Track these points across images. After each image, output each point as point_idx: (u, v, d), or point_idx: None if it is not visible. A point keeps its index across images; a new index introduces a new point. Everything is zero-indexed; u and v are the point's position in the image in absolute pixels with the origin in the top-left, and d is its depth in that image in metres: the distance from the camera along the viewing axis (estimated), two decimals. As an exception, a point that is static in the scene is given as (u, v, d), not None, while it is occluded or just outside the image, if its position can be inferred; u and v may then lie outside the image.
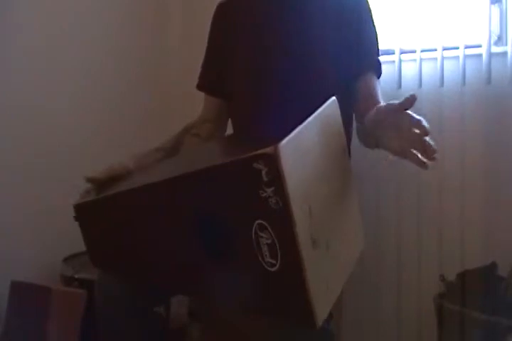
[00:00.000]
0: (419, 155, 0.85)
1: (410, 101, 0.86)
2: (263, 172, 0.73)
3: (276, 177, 0.72)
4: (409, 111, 0.87)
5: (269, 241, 0.76)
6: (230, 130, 1.44)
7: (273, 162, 0.71)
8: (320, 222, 0.82)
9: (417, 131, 0.84)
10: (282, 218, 0.74)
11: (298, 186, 0.75)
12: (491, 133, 1.54)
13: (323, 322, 0.79)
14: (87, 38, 1.97)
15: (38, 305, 1.45)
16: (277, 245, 0.76)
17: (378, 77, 1.34)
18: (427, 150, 0.84)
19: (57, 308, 1.44)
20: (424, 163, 0.85)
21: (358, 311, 1.68)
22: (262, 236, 0.77)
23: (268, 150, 0.71)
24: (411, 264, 1.65)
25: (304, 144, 0.80)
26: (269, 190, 0.73)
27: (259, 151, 0.72)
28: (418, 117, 0.85)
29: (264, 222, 0.76)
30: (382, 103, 1.21)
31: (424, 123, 0.84)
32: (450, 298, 1.40)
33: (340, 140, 0.96)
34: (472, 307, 1.31)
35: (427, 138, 0.84)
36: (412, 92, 0.87)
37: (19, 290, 1.51)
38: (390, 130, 0.91)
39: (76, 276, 1.61)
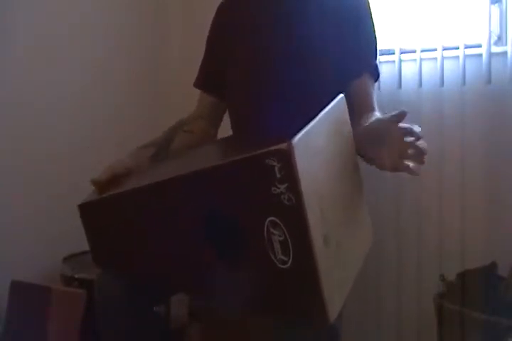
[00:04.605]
0: (411, 164, 0.85)
1: (401, 116, 0.86)
2: (276, 169, 0.72)
3: (290, 174, 0.72)
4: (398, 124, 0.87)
5: (281, 238, 0.76)
6: (228, 130, 1.44)
7: (286, 158, 0.71)
8: (331, 219, 0.82)
9: (409, 139, 0.84)
10: (295, 215, 0.73)
11: (310, 183, 0.75)
12: (491, 133, 1.54)
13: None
14: (88, 38, 1.97)
15: (38, 305, 1.45)
16: (290, 242, 0.75)
17: (376, 79, 1.32)
18: (419, 154, 0.84)
19: (57, 308, 1.44)
20: (417, 172, 0.86)
21: (358, 311, 1.68)
22: (274, 233, 0.76)
23: (282, 146, 0.71)
24: (411, 264, 1.65)
25: (315, 141, 0.80)
26: (282, 187, 0.73)
27: (273, 147, 0.72)
28: (406, 125, 0.86)
29: (276, 219, 0.76)
30: (376, 111, 1.20)
31: (415, 128, 0.85)
32: (450, 298, 1.40)
33: (349, 137, 0.95)
34: (472, 307, 1.31)
35: (419, 143, 0.85)
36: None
37: (19, 290, 1.51)
38: (378, 146, 0.91)
39: (76, 276, 1.60)
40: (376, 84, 1.35)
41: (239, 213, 0.81)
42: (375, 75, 1.31)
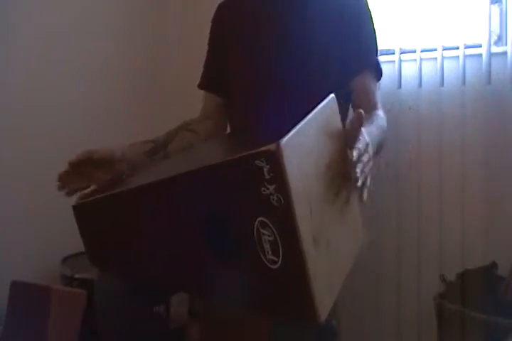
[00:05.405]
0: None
1: (356, 119, 0.87)
2: (265, 170, 0.73)
3: (278, 175, 0.72)
4: (362, 131, 0.87)
5: (270, 239, 0.77)
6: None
7: (275, 159, 0.72)
8: (320, 219, 0.82)
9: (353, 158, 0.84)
10: (284, 215, 0.74)
11: (299, 183, 0.75)
12: (491, 133, 1.54)
13: (326, 320, 0.79)
14: (87, 38, 1.97)
15: (38, 305, 1.45)
16: (279, 242, 0.76)
17: (379, 77, 1.32)
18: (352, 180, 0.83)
19: (57, 308, 1.44)
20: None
21: (358, 311, 1.68)
22: (264, 234, 0.77)
23: (270, 147, 0.72)
24: (411, 264, 1.65)
25: (305, 141, 0.80)
26: (271, 188, 0.73)
27: (261, 149, 0.72)
28: (359, 145, 0.85)
29: (265, 220, 0.76)
30: (378, 109, 1.21)
31: (355, 152, 0.84)
32: (450, 297, 1.40)
33: (341, 136, 0.95)
34: (472, 307, 1.31)
35: (357, 169, 0.83)
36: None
37: (19, 290, 1.51)
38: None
39: (76, 276, 1.61)
40: (377, 83, 1.35)
41: (231, 213, 0.81)
42: (377, 72, 1.31)
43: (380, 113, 1.19)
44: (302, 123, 0.80)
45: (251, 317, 1.14)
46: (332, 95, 0.92)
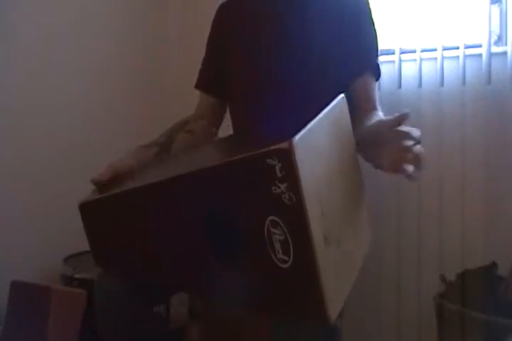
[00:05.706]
0: (409, 168, 0.84)
1: (402, 118, 0.87)
2: (277, 168, 0.72)
3: (290, 173, 0.72)
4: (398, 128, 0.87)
5: (281, 238, 0.76)
6: (228, 129, 1.44)
7: (287, 157, 0.71)
8: (331, 218, 0.82)
9: (408, 142, 0.84)
10: (296, 214, 0.73)
11: (311, 182, 0.75)
12: (491, 133, 1.54)
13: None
14: (88, 37, 1.97)
15: (38, 305, 1.45)
16: (290, 241, 0.75)
17: (377, 79, 1.33)
18: (417, 159, 0.83)
19: (57, 308, 1.44)
20: (414, 177, 0.85)
21: (358, 311, 1.68)
22: (274, 233, 0.76)
23: (282, 145, 0.71)
24: (411, 264, 1.65)
25: (316, 141, 0.80)
26: (283, 186, 0.73)
27: (273, 147, 0.72)
28: (406, 128, 0.85)
29: (277, 219, 0.76)
30: (378, 110, 1.21)
31: (415, 132, 0.84)
32: (450, 297, 1.40)
33: (350, 137, 0.95)
34: (472, 307, 1.31)
35: (417, 147, 0.84)
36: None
37: (19, 290, 1.51)
38: (378, 147, 0.91)
39: (76, 276, 1.61)
40: (376, 83, 1.35)
41: (239, 213, 0.81)
42: (377, 74, 1.31)
43: (380, 113, 1.19)
44: (313, 122, 0.79)
45: (251, 317, 1.14)
46: (342, 95, 0.92)
